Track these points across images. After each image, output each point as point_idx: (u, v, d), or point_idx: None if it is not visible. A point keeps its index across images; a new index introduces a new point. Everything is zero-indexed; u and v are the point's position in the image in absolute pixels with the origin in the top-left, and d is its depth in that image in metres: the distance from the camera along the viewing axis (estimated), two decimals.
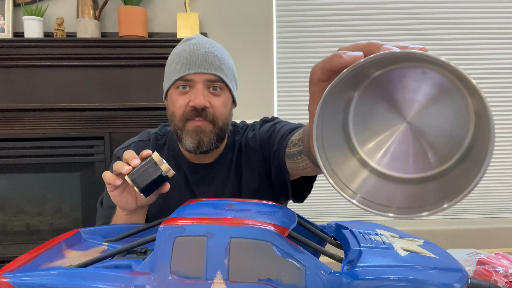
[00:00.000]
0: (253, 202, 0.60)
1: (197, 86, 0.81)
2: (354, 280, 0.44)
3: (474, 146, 0.36)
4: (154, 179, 0.66)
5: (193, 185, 0.90)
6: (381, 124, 0.39)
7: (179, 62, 0.82)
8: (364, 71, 0.37)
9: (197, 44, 0.82)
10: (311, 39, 2.05)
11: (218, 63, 0.82)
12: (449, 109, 0.36)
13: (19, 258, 0.52)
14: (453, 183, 0.36)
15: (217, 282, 0.45)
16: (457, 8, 2.07)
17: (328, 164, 0.38)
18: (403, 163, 0.39)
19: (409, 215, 0.36)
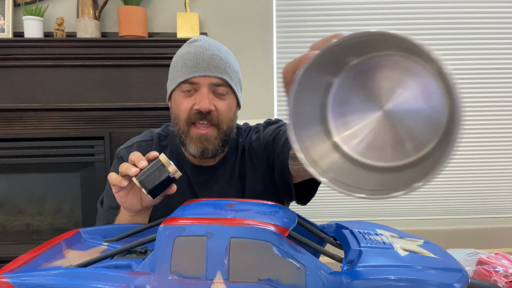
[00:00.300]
0: (253, 202, 0.60)
1: (202, 90, 0.80)
2: (354, 280, 0.44)
3: (450, 130, 0.36)
4: (161, 181, 0.66)
5: (196, 187, 0.90)
6: (358, 112, 0.40)
7: (184, 64, 0.81)
8: (343, 59, 0.38)
9: (203, 47, 0.81)
10: (311, 39, 2.05)
11: (223, 66, 0.81)
12: (424, 96, 0.37)
13: (19, 258, 0.52)
14: (427, 168, 0.36)
15: (217, 282, 0.45)
16: (457, 8, 2.07)
17: (302, 141, 0.39)
18: (380, 151, 0.40)
19: (382, 195, 0.36)
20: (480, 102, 2.12)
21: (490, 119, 2.13)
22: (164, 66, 1.82)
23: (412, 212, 2.19)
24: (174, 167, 0.67)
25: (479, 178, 2.18)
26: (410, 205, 2.18)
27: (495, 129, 2.14)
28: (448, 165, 0.34)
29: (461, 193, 2.19)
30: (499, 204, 2.21)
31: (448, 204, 2.19)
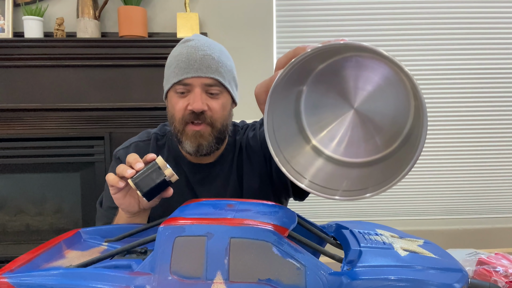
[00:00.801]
0: (253, 202, 0.60)
1: (195, 90, 0.81)
2: (354, 280, 0.44)
3: (413, 130, 0.38)
4: (157, 184, 0.66)
5: (195, 185, 0.91)
6: (331, 113, 0.42)
7: (177, 65, 0.82)
8: (308, 66, 0.40)
9: (194, 47, 0.82)
10: (311, 39, 2.05)
11: (216, 66, 0.81)
12: (390, 94, 0.39)
13: (19, 258, 0.52)
14: (394, 166, 0.38)
15: (217, 282, 0.45)
16: (457, 8, 2.07)
17: (281, 154, 0.41)
18: (356, 148, 0.42)
19: (353, 197, 0.38)
20: (480, 102, 2.12)
21: (490, 119, 2.13)
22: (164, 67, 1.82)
23: (412, 212, 2.19)
24: (171, 170, 0.66)
25: (479, 178, 2.18)
26: (410, 205, 2.18)
27: (495, 129, 2.14)
28: (414, 166, 0.36)
29: (461, 193, 2.19)
30: (499, 204, 2.21)
31: (448, 204, 2.19)
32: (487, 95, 2.12)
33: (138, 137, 0.96)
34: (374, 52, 0.35)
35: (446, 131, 2.13)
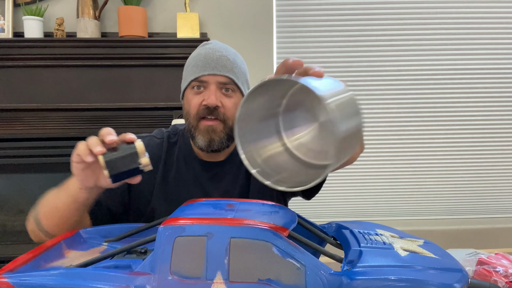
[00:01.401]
0: (253, 202, 0.60)
1: (210, 87, 0.86)
2: (354, 280, 0.44)
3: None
4: (129, 170, 0.60)
5: (204, 183, 0.93)
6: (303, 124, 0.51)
7: (195, 64, 0.87)
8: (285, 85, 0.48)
9: (212, 49, 0.88)
10: (311, 39, 2.05)
11: (230, 66, 0.87)
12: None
13: (19, 258, 0.52)
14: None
15: (217, 282, 0.45)
16: (457, 8, 2.07)
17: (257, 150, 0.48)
18: (317, 153, 0.50)
19: (301, 187, 0.44)
20: (480, 102, 2.12)
21: (490, 119, 2.13)
22: (164, 66, 1.82)
23: (412, 212, 2.19)
24: (147, 159, 0.62)
25: (479, 178, 2.18)
26: (410, 205, 2.19)
27: (495, 129, 2.14)
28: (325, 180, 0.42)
29: (461, 193, 2.19)
30: (499, 204, 2.21)
31: (448, 204, 2.19)
32: (487, 95, 2.12)
33: (154, 133, 0.98)
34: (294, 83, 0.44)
35: (446, 131, 2.13)
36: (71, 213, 0.71)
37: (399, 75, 2.08)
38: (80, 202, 0.69)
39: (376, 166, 2.12)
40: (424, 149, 2.14)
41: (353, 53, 2.06)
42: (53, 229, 0.73)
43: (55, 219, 0.72)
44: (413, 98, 2.10)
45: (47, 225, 0.73)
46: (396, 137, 2.12)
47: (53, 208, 0.72)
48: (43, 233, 0.74)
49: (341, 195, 2.15)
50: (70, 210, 0.70)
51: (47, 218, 0.73)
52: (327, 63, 2.06)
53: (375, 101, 2.09)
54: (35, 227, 0.74)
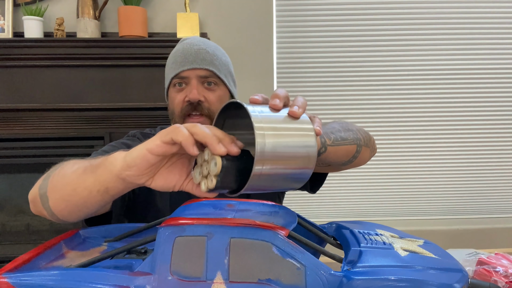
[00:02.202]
0: (253, 202, 0.60)
1: (191, 82, 0.84)
2: (354, 280, 0.44)
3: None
4: (228, 187, 0.48)
5: None
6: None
7: (174, 61, 0.86)
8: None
9: (190, 43, 0.86)
10: (311, 39, 2.05)
11: (210, 58, 0.85)
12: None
13: (19, 258, 0.52)
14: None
15: (217, 282, 0.45)
16: (457, 8, 2.07)
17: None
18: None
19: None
20: (480, 102, 2.12)
21: (490, 119, 2.13)
22: (164, 66, 1.82)
23: (412, 212, 2.19)
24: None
25: (479, 178, 2.18)
26: (410, 205, 2.19)
27: (496, 129, 2.14)
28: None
29: (461, 193, 2.19)
30: (499, 204, 2.21)
31: (448, 204, 2.19)
32: (487, 95, 2.12)
33: (147, 130, 0.96)
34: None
35: (446, 131, 2.13)
36: (92, 202, 0.57)
37: (398, 75, 2.09)
38: (111, 194, 0.55)
39: (376, 166, 2.12)
40: (424, 149, 2.14)
41: (353, 53, 2.06)
42: (62, 214, 0.60)
43: (69, 204, 0.59)
44: (413, 98, 2.10)
45: (56, 207, 0.60)
46: (396, 137, 2.12)
47: (70, 191, 0.57)
48: (47, 212, 0.61)
49: (341, 195, 2.15)
50: (93, 199, 0.56)
51: (58, 199, 0.59)
52: (327, 63, 2.06)
53: (375, 101, 2.09)
54: (39, 201, 0.62)
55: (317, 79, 2.06)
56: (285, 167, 0.46)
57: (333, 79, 2.07)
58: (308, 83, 2.06)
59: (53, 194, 0.60)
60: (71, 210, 0.59)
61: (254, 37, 1.98)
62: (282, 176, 0.47)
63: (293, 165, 0.47)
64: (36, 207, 0.64)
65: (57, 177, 0.61)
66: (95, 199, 0.56)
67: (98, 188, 0.54)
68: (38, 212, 0.65)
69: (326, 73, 2.06)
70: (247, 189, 0.45)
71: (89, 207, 0.58)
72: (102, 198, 0.56)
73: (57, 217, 0.61)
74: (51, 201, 0.60)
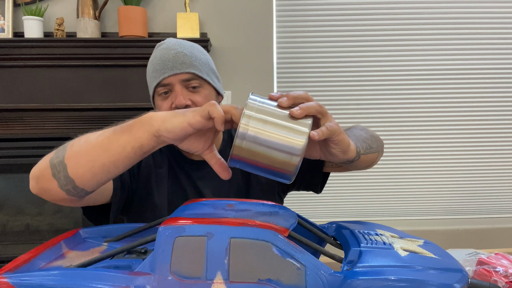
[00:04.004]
0: (253, 202, 0.60)
1: (175, 88, 0.83)
2: (354, 280, 0.44)
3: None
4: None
5: (197, 182, 0.91)
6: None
7: (154, 69, 0.84)
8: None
9: (166, 48, 0.85)
10: (311, 39, 2.05)
11: (189, 61, 0.83)
12: None
13: (19, 258, 0.52)
14: None
15: (217, 282, 0.45)
16: (457, 8, 2.06)
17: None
18: None
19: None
20: (480, 102, 2.12)
21: (490, 119, 2.13)
22: None
23: (412, 212, 2.19)
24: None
25: (479, 178, 2.18)
26: (410, 205, 2.19)
27: (495, 129, 2.14)
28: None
29: (461, 193, 2.19)
30: (499, 204, 2.21)
31: (448, 204, 2.19)
32: (487, 95, 2.12)
33: None
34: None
35: (446, 131, 2.13)
36: (124, 160, 0.59)
37: (398, 75, 2.08)
38: (144, 151, 0.58)
39: (376, 166, 2.11)
40: (424, 149, 2.14)
41: (353, 53, 2.06)
42: (82, 178, 0.61)
43: (95, 164, 0.60)
44: (413, 98, 2.10)
45: (77, 171, 0.60)
46: (396, 137, 2.12)
47: (101, 150, 0.60)
48: (60, 182, 0.62)
49: (341, 195, 2.15)
50: (126, 155, 0.59)
51: (82, 162, 0.60)
52: (327, 63, 2.06)
53: (375, 101, 2.09)
54: (49, 173, 0.63)
55: (317, 79, 2.06)
56: (261, 160, 0.51)
57: (333, 79, 2.07)
58: (308, 83, 2.06)
59: (75, 160, 0.61)
60: (96, 172, 0.60)
61: (254, 37, 1.98)
62: (259, 167, 0.52)
63: (269, 161, 0.51)
64: (42, 181, 0.64)
65: (78, 143, 0.64)
66: (127, 156, 0.59)
67: (133, 144, 0.58)
68: (41, 188, 0.65)
69: (326, 73, 2.06)
70: (231, 163, 0.52)
71: (118, 166, 0.60)
72: (135, 154, 0.59)
73: (73, 184, 0.61)
74: (71, 167, 0.61)
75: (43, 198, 0.67)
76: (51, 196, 0.65)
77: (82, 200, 0.67)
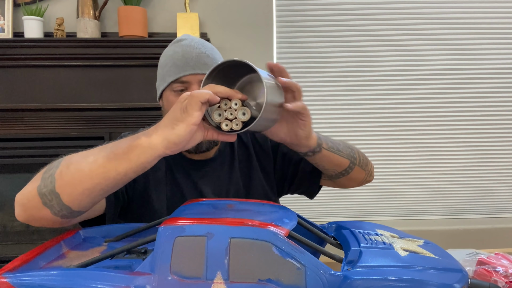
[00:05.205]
0: (253, 202, 0.60)
1: (192, 87, 0.83)
2: (354, 280, 0.44)
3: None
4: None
5: (197, 181, 0.91)
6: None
7: (173, 64, 0.84)
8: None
9: (189, 46, 0.85)
10: (311, 39, 2.05)
11: (211, 63, 0.84)
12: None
13: (19, 258, 0.52)
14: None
15: (217, 282, 0.45)
16: (457, 8, 2.06)
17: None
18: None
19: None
20: (481, 102, 2.12)
21: (490, 119, 2.13)
22: None
23: (412, 212, 2.19)
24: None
25: (479, 178, 2.18)
26: (410, 205, 2.19)
27: (495, 129, 2.14)
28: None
29: (461, 193, 2.19)
30: (499, 204, 2.21)
31: (448, 204, 2.19)
32: (487, 95, 2.12)
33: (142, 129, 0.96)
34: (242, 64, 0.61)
35: (446, 131, 2.13)
36: (124, 182, 0.60)
37: (398, 75, 2.08)
38: (146, 169, 0.60)
39: (376, 166, 2.12)
40: (424, 149, 2.14)
41: (353, 53, 2.06)
42: (80, 204, 0.60)
43: (93, 191, 0.59)
44: (413, 98, 2.10)
45: (74, 199, 0.59)
46: (396, 137, 2.12)
47: (99, 179, 0.58)
48: (53, 210, 0.60)
49: (341, 195, 2.15)
50: (127, 179, 0.59)
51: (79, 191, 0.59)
52: (327, 62, 2.06)
53: (375, 101, 2.09)
54: (38, 201, 0.61)
55: (317, 79, 2.06)
56: (273, 113, 0.62)
57: (333, 79, 2.07)
58: (308, 83, 2.06)
59: (69, 189, 0.59)
60: (95, 196, 0.60)
61: (254, 37, 1.98)
62: (270, 118, 0.62)
63: (276, 113, 0.63)
64: (31, 209, 0.63)
65: (69, 172, 0.61)
66: (129, 178, 0.60)
67: (135, 170, 0.59)
68: (30, 216, 0.64)
69: (326, 73, 2.06)
70: (253, 127, 0.58)
71: (119, 186, 0.61)
72: (137, 174, 0.60)
73: (69, 210, 0.61)
74: (65, 195, 0.60)
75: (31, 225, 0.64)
76: (42, 222, 0.63)
77: (75, 219, 0.66)
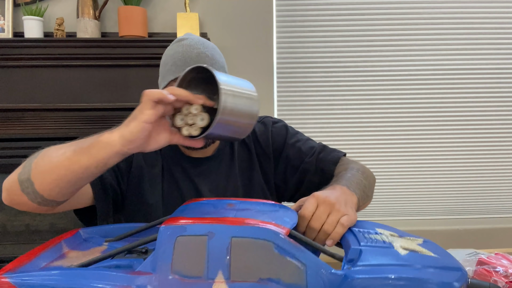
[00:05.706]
0: (253, 201, 0.60)
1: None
2: (355, 279, 0.44)
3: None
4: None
5: (195, 179, 0.91)
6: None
7: (173, 63, 0.86)
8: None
9: (190, 45, 0.86)
10: (311, 39, 2.05)
11: (210, 63, 0.85)
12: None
13: (19, 258, 0.52)
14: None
15: (218, 281, 0.45)
16: (457, 8, 2.07)
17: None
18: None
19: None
20: (480, 102, 2.12)
21: (490, 119, 2.13)
22: None
23: (412, 212, 2.19)
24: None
25: (479, 178, 2.18)
26: (410, 205, 2.19)
27: (495, 129, 2.14)
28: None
29: (461, 193, 2.19)
30: (499, 204, 2.21)
31: (448, 204, 2.19)
32: (487, 95, 2.12)
33: None
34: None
35: (447, 131, 2.13)
36: (88, 176, 0.63)
37: (398, 75, 2.09)
38: (108, 166, 0.62)
39: (376, 166, 2.12)
40: (424, 149, 2.14)
41: (353, 53, 2.06)
42: (50, 193, 0.64)
43: (60, 182, 0.62)
44: (413, 98, 2.10)
45: (44, 188, 0.63)
46: (396, 137, 2.12)
47: (64, 171, 0.62)
48: (29, 196, 0.64)
49: None
50: (90, 173, 0.62)
51: (48, 180, 0.63)
52: (327, 63, 2.06)
53: (375, 101, 2.09)
54: (18, 188, 0.65)
55: (317, 79, 2.06)
56: (237, 120, 0.60)
57: (333, 79, 2.07)
58: (308, 83, 2.06)
59: (40, 178, 0.63)
60: (63, 187, 0.63)
61: (254, 37, 1.98)
62: (232, 125, 0.60)
63: (243, 119, 0.61)
64: (12, 194, 0.67)
65: (42, 162, 0.64)
66: (93, 173, 0.62)
67: (96, 165, 0.61)
68: (12, 200, 0.68)
69: (326, 73, 2.06)
70: (210, 133, 0.57)
71: (85, 180, 0.64)
72: (100, 171, 0.63)
73: (42, 198, 0.64)
74: (38, 184, 0.64)
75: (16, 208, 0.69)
76: (23, 207, 0.68)
77: (57, 207, 0.69)
